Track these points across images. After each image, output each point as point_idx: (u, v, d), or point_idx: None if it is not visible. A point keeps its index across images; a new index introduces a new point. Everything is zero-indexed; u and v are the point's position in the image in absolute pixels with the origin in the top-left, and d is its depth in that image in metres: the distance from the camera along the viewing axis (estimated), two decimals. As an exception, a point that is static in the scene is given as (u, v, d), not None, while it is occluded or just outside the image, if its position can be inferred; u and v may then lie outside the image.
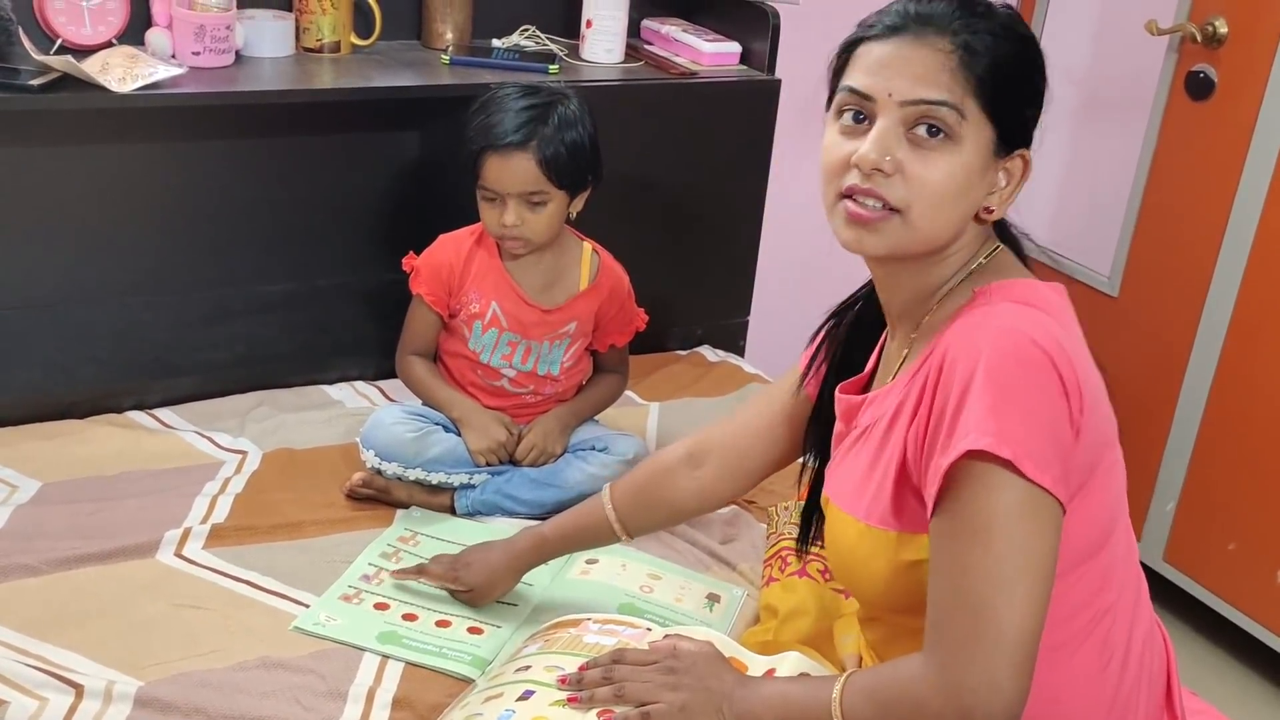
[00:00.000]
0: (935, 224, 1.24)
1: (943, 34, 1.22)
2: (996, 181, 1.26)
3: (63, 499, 1.95)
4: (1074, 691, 1.27)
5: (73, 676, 1.55)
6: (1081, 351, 1.22)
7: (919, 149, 1.22)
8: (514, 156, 1.92)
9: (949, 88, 1.21)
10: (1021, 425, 1.13)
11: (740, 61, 2.58)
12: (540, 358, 2.09)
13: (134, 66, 2.08)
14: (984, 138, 1.22)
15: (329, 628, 1.70)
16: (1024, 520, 1.13)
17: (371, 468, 2.00)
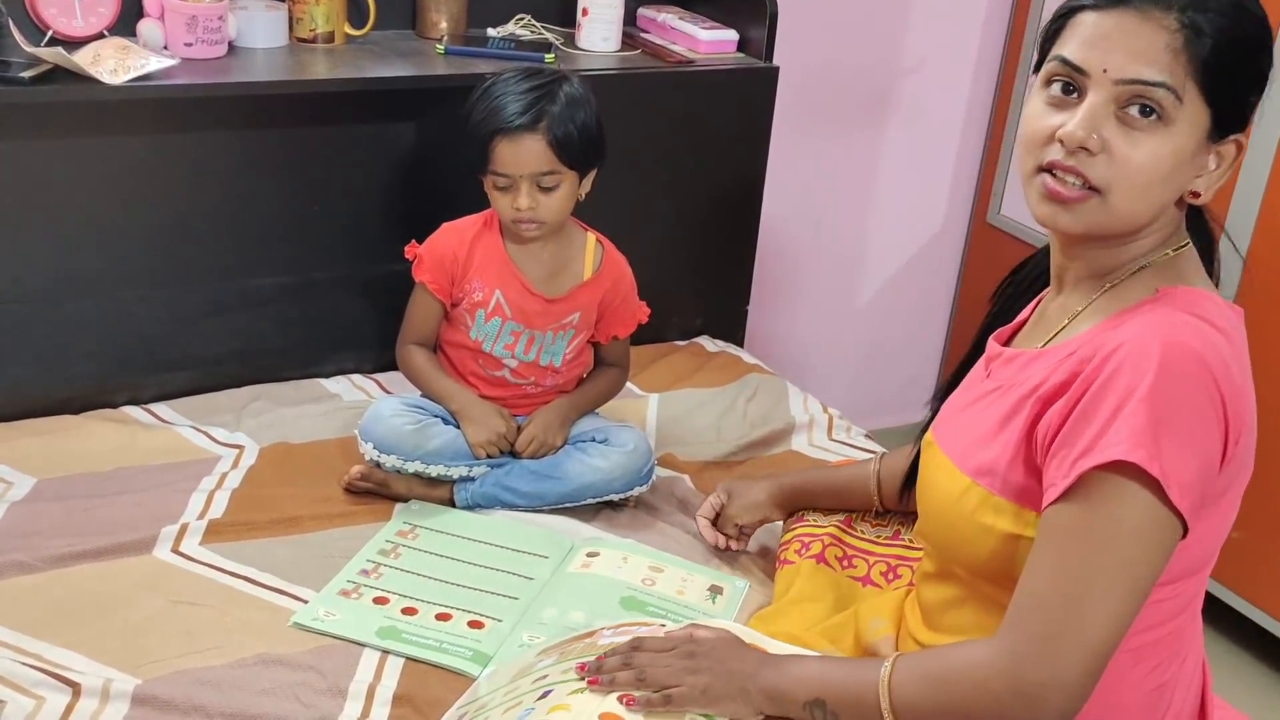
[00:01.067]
0: (1135, 207, 1.20)
1: (1169, 10, 1.16)
2: (1206, 165, 1.21)
3: (58, 495, 1.93)
4: (1129, 694, 1.27)
5: (69, 675, 1.54)
6: (1247, 381, 1.20)
7: (1128, 128, 1.18)
8: (525, 139, 1.90)
9: (1169, 69, 1.16)
10: (1178, 447, 1.12)
11: (737, 49, 2.56)
12: (543, 348, 2.07)
13: (126, 58, 2.06)
14: (1199, 122, 1.18)
15: (328, 623, 1.68)
16: (1148, 539, 1.13)
17: (370, 460, 1.99)
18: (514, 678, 1.49)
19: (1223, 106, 1.17)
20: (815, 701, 1.26)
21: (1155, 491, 1.12)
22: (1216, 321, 1.20)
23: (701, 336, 2.69)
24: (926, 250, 3.21)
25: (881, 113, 2.99)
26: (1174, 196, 1.22)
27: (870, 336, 3.27)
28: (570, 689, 1.34)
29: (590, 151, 1.97)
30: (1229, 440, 1.17)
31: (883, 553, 1.75)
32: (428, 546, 1.89)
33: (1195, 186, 1.22)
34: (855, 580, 1.73)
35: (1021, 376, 1.29)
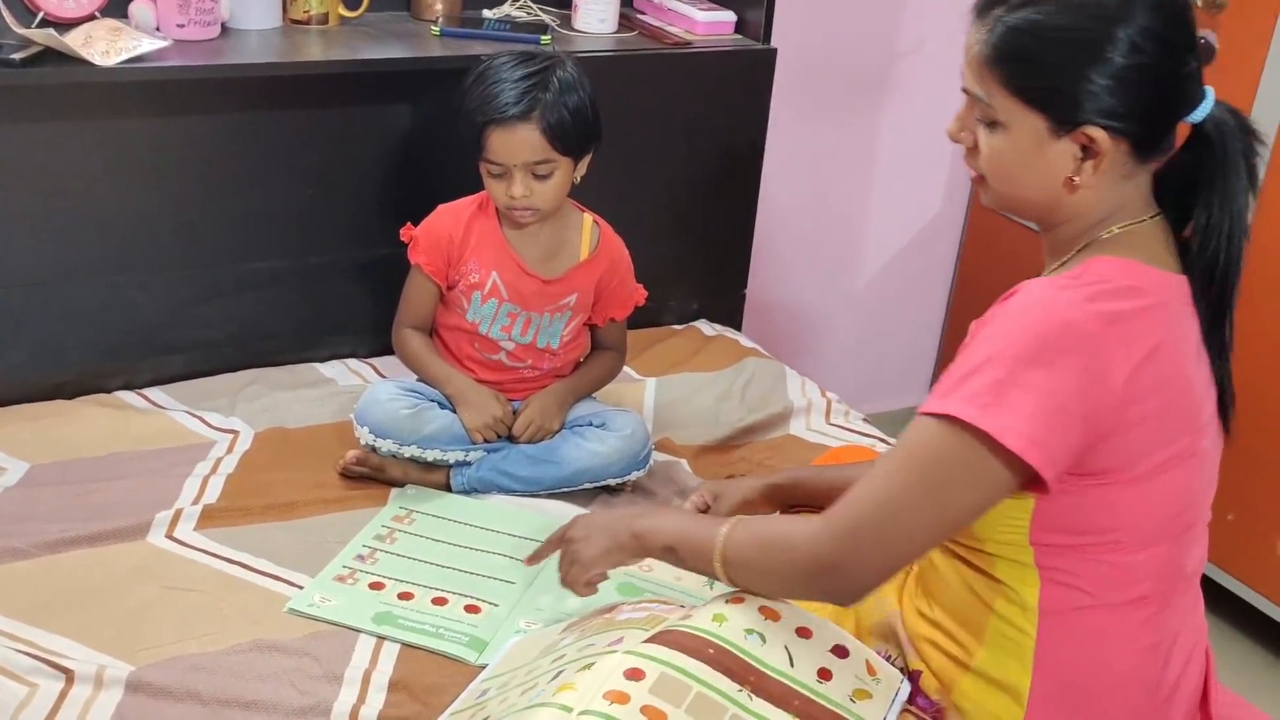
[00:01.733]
0: (1008, 191, 1.32)
1: (984, 21, 1.27)
2: (1070, 156, 1.26)
3: (51, 481, 1.92)
4: (1118, 655, 1.31)
5: (63, 662, 1.53)
6: (1155, 342, 1.22)
7: (984, 127, 1.30)
8: (518, 128, 1.89)
9: (979, 77, 1.28)
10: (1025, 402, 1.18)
11: (735, 30, 2.55)
12: (540, 330, 2.06)
13: (118, 40, 2.04)
14: (1029, 122, 1.26)
15: (323, 609, 1.67)
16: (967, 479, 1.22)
17: (366, 445, 1.98)
18: (537, 656, 1.49)
19: (1046, 105, 1.24)
20: (668, 548, 1.43)
21: (984, 441, 1.18)
22: (1127, 286, 1.23)
23: (699, 320, 2.68)
24: (925, 232, 3.20)
25: (880, 94, 2.97)
26: (1047, 184, 1.28)
27: (868, 319, 3.26)
28: (579, 667, 1.34)
29: (584, 136, 1.95)
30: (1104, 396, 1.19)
31: None
32: (424, 531, 1.88)
33: (1071, 173, 1.27)
34: None
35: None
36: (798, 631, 1.40)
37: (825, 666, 1.38)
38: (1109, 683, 1.32)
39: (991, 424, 1.17)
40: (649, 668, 1.30)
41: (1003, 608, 1.33)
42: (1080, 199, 1.29)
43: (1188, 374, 1.27)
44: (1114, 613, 1.30)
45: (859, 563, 1.26)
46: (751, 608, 1.40)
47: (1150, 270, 1.27)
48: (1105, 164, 1.25)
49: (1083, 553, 1.28)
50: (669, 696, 1.28)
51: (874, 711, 1.36)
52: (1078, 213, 1.30)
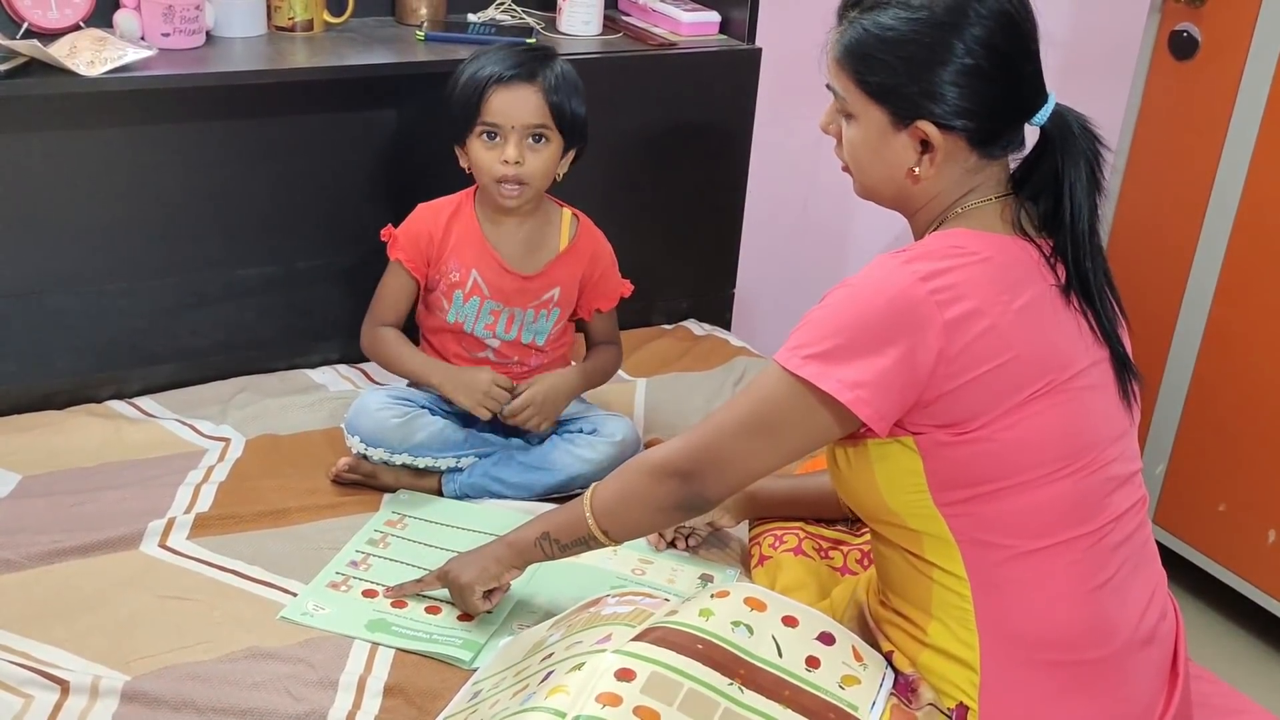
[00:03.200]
0: (866, 180, 1.45)
1: (840, 22, 1.41)
2: (914, 148, 1.38)
3: (43, 492, 1.92)
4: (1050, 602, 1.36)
5: (58, 673, 1.53)
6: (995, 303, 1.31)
7: (844, 119, 1.43)
8: (521, 88, 1.91)
9: (835, 74, 1.41)
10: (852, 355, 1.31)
11: (720, 31, 2.55)
12: (524, 325, 2.06)
13: (102, 49, 2.04)
14: (873, 115, 1.38)
15: (317, 618, 1.68)
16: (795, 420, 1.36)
17: (357, 453, 1.98)
18: (526, 654, 1.50)
19: (885, 98, 1.36)
20: (542, 535, 1.57)
21: (818, 394, 1.32)
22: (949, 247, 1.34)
23: (688, 320, 2.68)
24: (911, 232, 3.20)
25: (865, 92, 2.98)
26: (894, 174, 1.41)
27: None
28: (569, 668, 1.35)
29: (578, 127, 1.97)
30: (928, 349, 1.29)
31: (857, 543, 1.79)
32: (417, 536, 1.88)
33: (912, 166, 1.39)
34: (834, 570, 1.74)
35: None
36: (784, 621, 1.41)
37: (813, 654, 1.40)
38: (1045, 629, 1.36)
39: (829, 384, 1.31)
40: (639, 667, 1.31)
41: (940, 578, 1.38)
42: (925, 189, 1.40)
43: (1036, 324, 1.33)
44: (1037, 558, 1.35)
45: (706, 475, 1.42)
46: (737, 599, 1.42)
47: (978, 234, 1.36)
48: (940, 157, 1.36)
49: (984, 503, 1.34)
50: (661, 695, 1.28)
51: (863, 696, 1.37)
52: (926, 201, 1.42)
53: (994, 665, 1.36)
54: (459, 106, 1.94)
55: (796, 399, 1.34)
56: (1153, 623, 1.42)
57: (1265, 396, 2.48)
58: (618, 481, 1.51)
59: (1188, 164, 2.57)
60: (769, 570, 1.76)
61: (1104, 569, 1.37)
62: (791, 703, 1.33)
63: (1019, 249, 1.37)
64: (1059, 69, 3.10)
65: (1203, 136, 2.53)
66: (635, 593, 1.58)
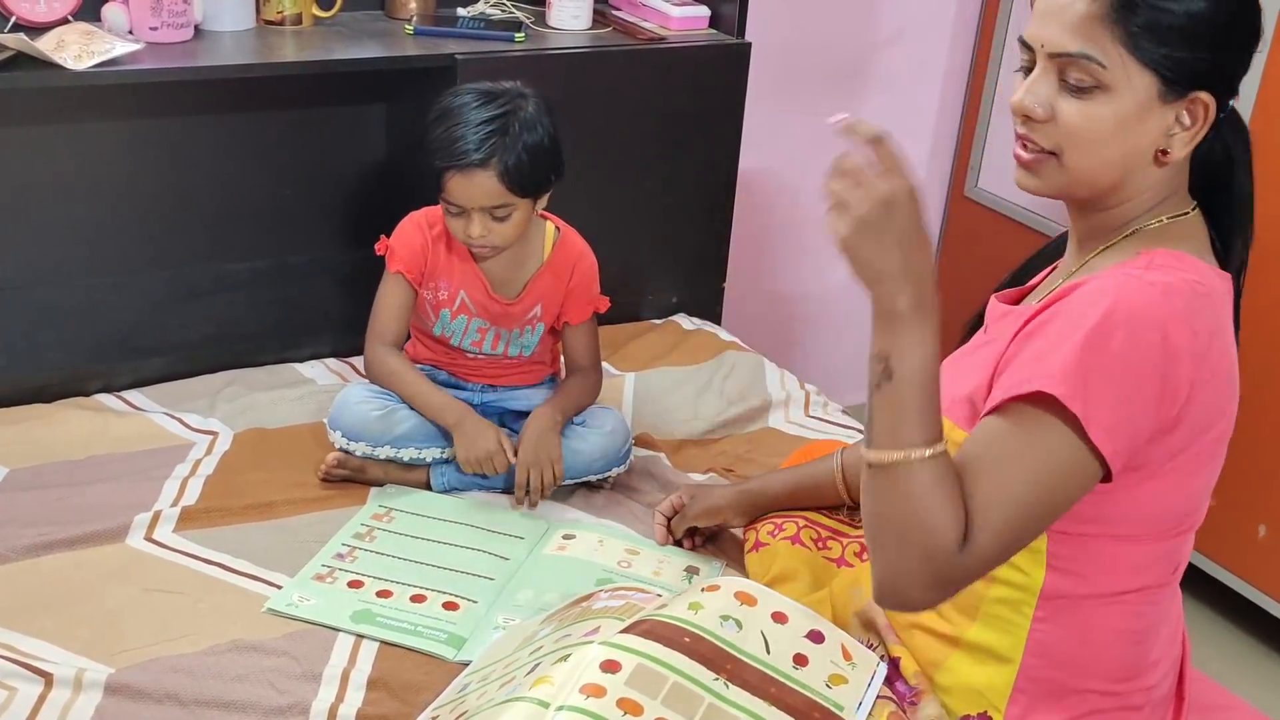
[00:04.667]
0: (1089, 165, 1.24)
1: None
2: (1170, 123, 1.22)
3: (30, 485, 1.92)
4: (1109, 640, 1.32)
5: (42, 665, 1.53)
6: (1215, 343, 1.21)
7: (1071, 95, 1.22)
8: (476, 175, 1.88)
9: (1092, 38, 1.19)
10: (1106, 391, 1.15)
11: (709, 25, 2.55)
12: (510, 342, 2.06)
13: (90, 43, 2.04)
14: (1141, 84, 1.20)
15: (302, 608, 1.68)
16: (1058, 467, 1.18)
17: (340, 448, 1.98)
18: (516, 648, 1.50)
19: (1165, 67, 1.19)
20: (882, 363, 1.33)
21: (1074, 427, 1.16)
22: (1189, 282, 1.21)
23: (678, 314, 2.68)
24: (904, 224, 3.20)
25: (857, 86, 2.98)
26: (1134, 155, 1.23)
27: (848, 311, 3.27)
28: (555, 659, 1.35)
29: (542, 175, 1.93)
30: (1173, 397, 1.19)
31: (855, 534, 1.76)
32: (403, 529, 1.88)
33: (1163, 145, 1.23)
34: (830, 561, 1.73)
35: (1012, 328, 1.32)
36: (773, 617, 1.41)
37: (801, 652, 1.39)
38: (1093, 664, 1.34)
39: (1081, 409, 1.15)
40: (625, 659, 1.30)
41: (1000, 591, 1.33)
42: (1152, 175, 1.25)
43: (1227, 368, 1.26)
44: (1109, 602, 1.31)
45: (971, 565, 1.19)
46: (727, 593, 1.41)
47: (1200, 263, 1.26)
48: (1200, 135, 1.22)
49: (1094, 542, 1.28)
50: (645, 688, 1.28)
51: (849, 696, 1.37)
52: (1137, 192, 1.27)
53: (1030, 682, 1.34)
54: (427, 169, 1.93)
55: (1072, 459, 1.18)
56: (1176, 646, 1.42)
57: (1255, 393, 2.47)
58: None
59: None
60: (763, 557, 1.74)
61: (1162, 604, 1.35)
62: (777, 700, 1.33)
63: (1223, 280, 1.28)
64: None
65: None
66: (627, 588, 1.58)
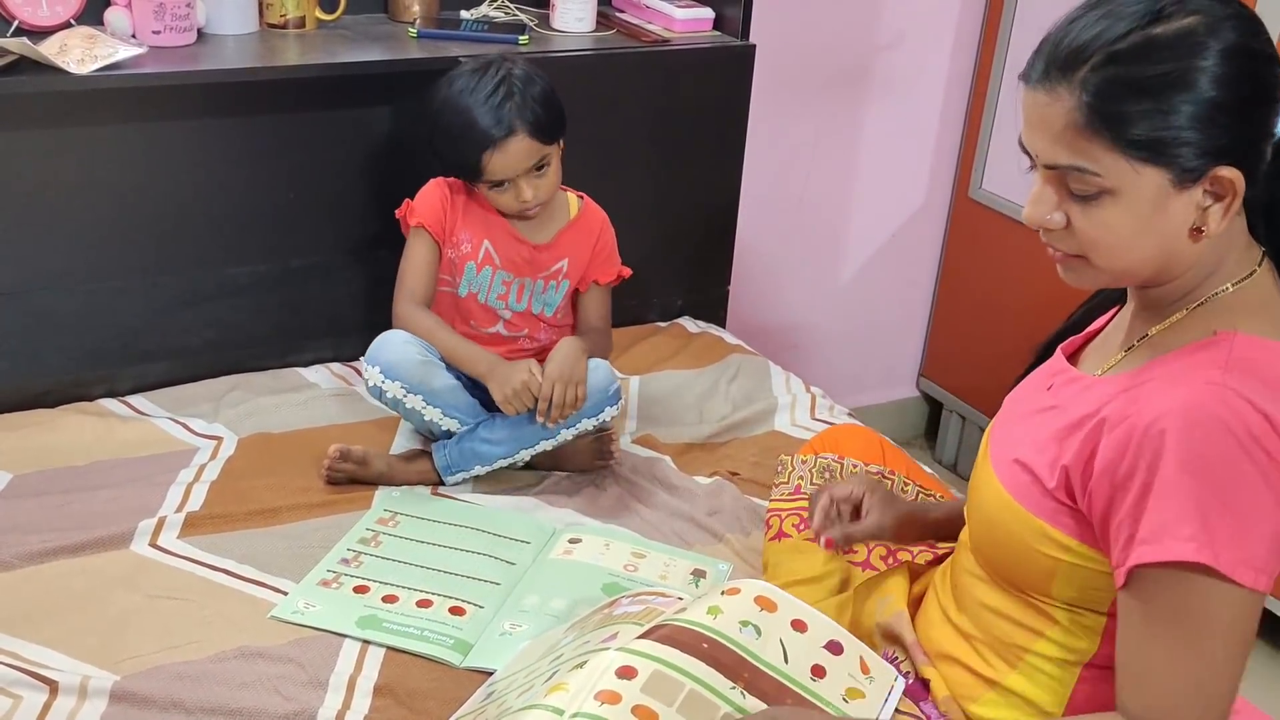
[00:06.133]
0: (1120, 265, 1.18)
1: (1067, 83, 1.12)
2: (1199, 203, 1.14)
3: (34, 491, 1.91)
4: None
5: (46, 673, 1.52)
6: None
7: (1080, 203, 1.16)
8: (509, 144, 1.95)
9: (1082, 151, 1.13)
10: (1234, 525, 1.10)
11: (714, 27, 2.54)
12: (534, 295, 2.10)
13: (93, 47, 2.04)
14: (1149, 181, 1.12)
15: (308, 615, 1.67)
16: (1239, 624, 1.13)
17: (373, 386, 1.99)
18: (540, 656, 1.49)
19: (1166, 155, 1.11)
20: None
21: (1229, 581, 1.10)
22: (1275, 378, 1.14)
23: (683, 318, 2.68)
24: (908, 227, 3.20)
25: (860, 89, 2.97)
26: (1167, 241, 1.16)
27: (853, 314, 3.26)
28: (571, 665, 1.34)
29: (558, 116, 2.02)
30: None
31: None
32: (409, 533, 1.87)
33: (1197, 224, 1.15)
34: (854, 565, 1.72)
35: (1078, 401, 1.25)
36: (793, 625, 1.39)
37: (820, 663, 1.37)
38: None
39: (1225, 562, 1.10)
40: (641, 665, 1.29)
41: (1045, 648, 1.30)
42: (1201, 247, 1.17)
43: None
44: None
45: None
46: (748, 598, 1.39)
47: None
48: (1236, 205, 1.13)
49: None
50: (661, 695, 1.27)
51: (867, 710, 1.35)
52: (1188, 265, 1.19)
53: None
54: (457, 169, 2.02)
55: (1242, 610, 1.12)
56: None
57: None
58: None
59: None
60: (784, 548, 1.73)
61: None
62: None
63: None
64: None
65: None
66: (649, 592, 1.56)
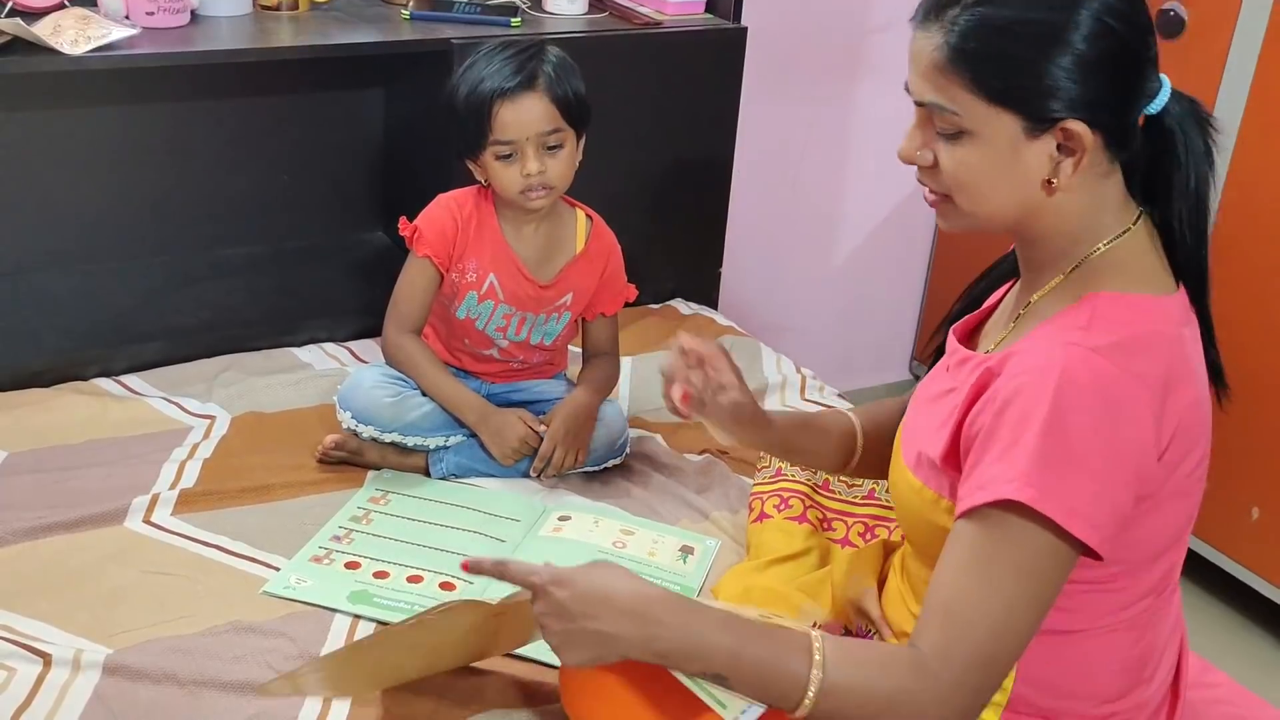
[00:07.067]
0: (981, 208, 1.23)
1: (939, 23, 1.18)
2: (1052, 155, 1.18)
3: (29, 469, 1.93)
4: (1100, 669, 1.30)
5: (40, 646, 1.54)
6: (1175, 377, 1.18)
7: (946, 141, 1.21)
8: (525, 99, 1.85)
9: (941, 87, 1.18)
10: (1075, 479, 1.12)
11: (706, 10, 2.55)
12: (535, 327, 2.05)
13: (87, 28, 2.05)
14: (1004, 124, 1.17)
15: (299, 590, 1.69)
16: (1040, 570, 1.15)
17: (347, 429, 1.98)
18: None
19: (1019, 100, 1.15)
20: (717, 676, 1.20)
21: (1047, 525, 1.12)
22: (1132, 336, 1.17)
23: (675, 299, 2.69)
24: (901, 210, 3.21)
25: (853, 72, 2.98)
26: (1023, 190, 1.20)
27: (845, 297, 3.28)
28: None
29: (585, 111, 1.93)
30: (1146, 459, 1.16)
31: (860, 513, 1.77)
32: (400, 511, 1.89)
33: (1049, 176, 1.19)
34: (834, 543, 1.74)
35: (969, 379, 1.27)
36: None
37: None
38: (1085, 689, 1.31)
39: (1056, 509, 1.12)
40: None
41: None
42: (1060, 203, 1.21)
43: (1202, 403, 1.22)
44: (1101, 634, 1.28)
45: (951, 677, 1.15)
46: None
47: (1156, 302, 1.21)
48: (1086, 161, 1.17)
49: (1087, 585, 1.24)
50: None
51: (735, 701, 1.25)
52: (1057, 221, 1.23)
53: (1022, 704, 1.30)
54: (465, 125, 1.88)
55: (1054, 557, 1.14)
56: (1173, 652, 1.39)
57: (1248, 375, 2.48)
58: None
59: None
60: (766, 529, 1.75)
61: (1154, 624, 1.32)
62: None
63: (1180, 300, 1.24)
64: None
65: (1189, 115, 2.53)
66: None
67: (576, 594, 1.22)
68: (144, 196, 2.39)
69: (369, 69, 2.45)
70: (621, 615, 1.21)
